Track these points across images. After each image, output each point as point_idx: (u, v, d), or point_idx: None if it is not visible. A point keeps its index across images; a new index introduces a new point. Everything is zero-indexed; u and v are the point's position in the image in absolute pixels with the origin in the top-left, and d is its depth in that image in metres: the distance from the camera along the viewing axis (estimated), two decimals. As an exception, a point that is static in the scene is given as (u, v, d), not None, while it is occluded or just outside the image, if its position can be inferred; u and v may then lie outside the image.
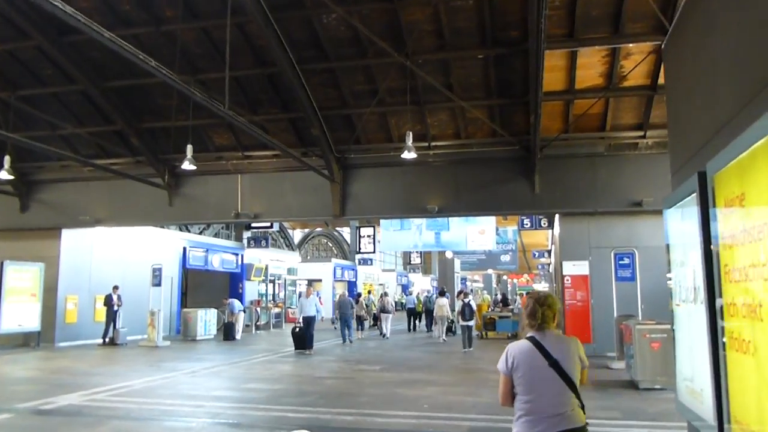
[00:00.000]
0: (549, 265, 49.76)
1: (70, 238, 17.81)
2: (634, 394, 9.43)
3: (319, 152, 14.81)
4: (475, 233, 30.82)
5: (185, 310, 20.80)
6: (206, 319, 19.75)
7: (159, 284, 17.74)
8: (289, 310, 30.86)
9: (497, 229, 32.24)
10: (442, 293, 20.05)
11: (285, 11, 11.60)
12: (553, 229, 20.66)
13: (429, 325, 24.05)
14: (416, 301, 27.61)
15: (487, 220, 30.65)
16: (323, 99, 13.68)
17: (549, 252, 38.58)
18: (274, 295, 32.21)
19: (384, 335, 21.18)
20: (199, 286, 27.34)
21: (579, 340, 3.34)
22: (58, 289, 17.36)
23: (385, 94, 13.43)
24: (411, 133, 12.20)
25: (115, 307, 17.76)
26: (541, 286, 73.20)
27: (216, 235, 34.45)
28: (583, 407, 3.19)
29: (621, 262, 12.66)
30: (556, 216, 15.83)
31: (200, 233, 34.19)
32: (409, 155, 12.21)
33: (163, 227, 22.30)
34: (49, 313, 17.06)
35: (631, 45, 11.67)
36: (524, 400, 3.18)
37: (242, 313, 20.28)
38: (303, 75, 12.75)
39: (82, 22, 7.63)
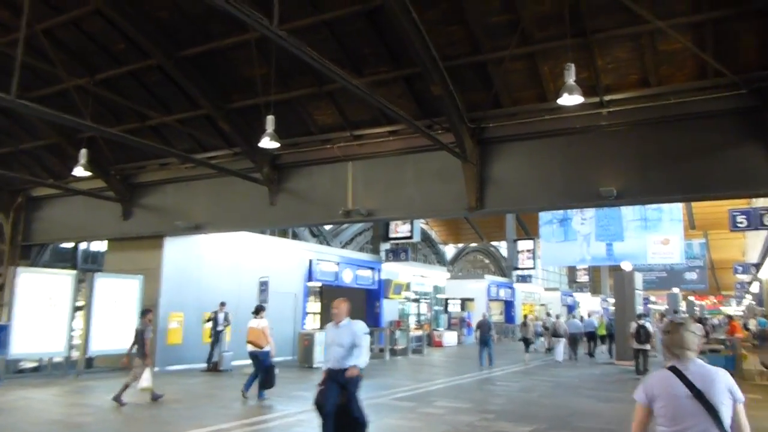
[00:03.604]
0: (749, 283, 41.03)
1: (175, 247, 15.74)
2: None
3: (446, 124, 11.04)
4: (658, 244, 25.19)
5: (301, 332, 17.88)
6: (326, 343, 16.62)
7: (266, 300, 14.96)
8: (435, 333, 27.22)
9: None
10: (640, 316, 17.19)
11: None
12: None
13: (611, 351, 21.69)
14: (597, 324, 23.63)
15: (672, 227, 24.91)
16: (445, 42, 9.89)
17: (756, 266, 31.00)
18: (419, 315, 28.82)
19: (557, 361, 19.69)
20: (335, 305, 24.68)
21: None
22: (159, 306, 15.27)
23: (532, 25, 9.32)
24: (573, 65, 7.97)
25: (220, 327, 15.29)
26: (732, 311, 62.49)
27: (361, 250, 32.00)
28: None
29: None
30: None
31: (343, 247, 32.00)
32: (570, 99, 7.96)
33: (267, 232, 20.08)
34: (149, 332, 14.99)
35: None
36: None
37: (367, 337, 16.81)
38: (413, 6, 9.07)
39: None
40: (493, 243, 44.98)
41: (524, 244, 34.93)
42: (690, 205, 27.81)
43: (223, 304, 15.50)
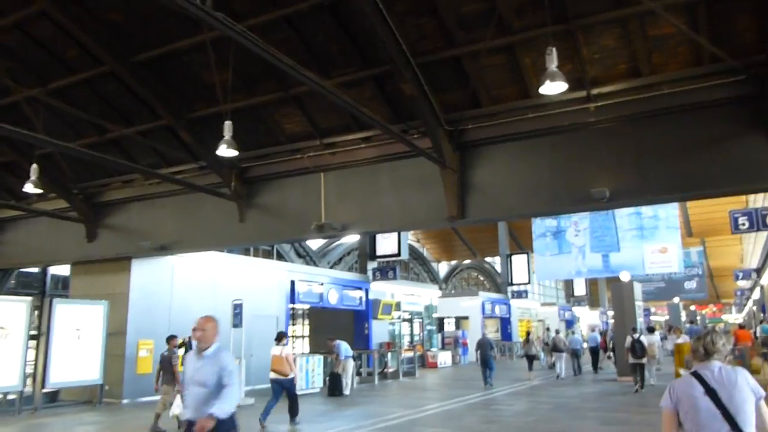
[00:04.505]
0: (750, 289, 40.19)
1: (144, 269, 14.79)
2: None
3: (423, 128, 10.21)
4: (655, 253, 24.38)
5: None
6: (308, 368, 15.62)
7: (239, 324, 13.98)
8: (428, 353, 26.16)
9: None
10: (651, 329, 17.65)
11: None
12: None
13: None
14: (599, 339, 23.02)
15: (669, 235, 24.17)
16: (416, 37, 9.10)
17: (758, 271, 30.22)
18: (411, 336, 27.76)
19: (558, 376, 19.24)
20: (322, 327, 23.63)
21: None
22: (127, 333, 14.28)
23: (509, 13, 8.54)
24: (555, 49, 7.17)
25: (192, 355, 14.27)
26: (733, 318, 61.49)
27: (350, 269, 31.08)
28: None
29: None
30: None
31: (332, 267, 31.12)
32: (553, 87, 7.14)
33: (252, 252, 19.12)
34: (116, 362, 13.98)
35: None
36: None
37: (350, 360, 15.87)
38: (379, -3, 8.29)
39: None
40: (487, 259, 44.10)
41: (518, 259, 34.04)
42: (686, 211, 27.10)
43: (195, 330, 14.49)
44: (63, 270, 20.25)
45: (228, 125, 9.08)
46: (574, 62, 8.88)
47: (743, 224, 14.03)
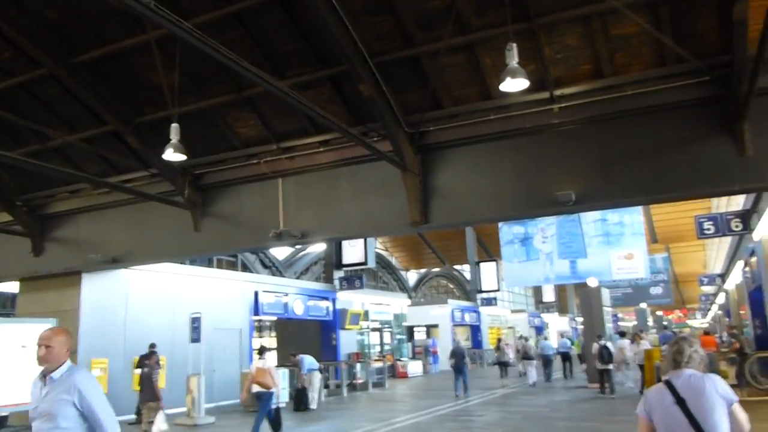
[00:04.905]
0: (715, 294, 40.78)
1: (96, 284, 14.00)
2: None
3: (383, 130, 9.82)
4: (621, 259, 24.39)
5: (244, 372, 16.20)
6: (271, 383, 14.96)
7: (198, 339, 13.33)
8: (398, 363, 25.74)
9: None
10: (622, 334, 18.33)
11: None
12: (751, 231, 13.99)
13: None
14: (570, 344, 23.40)
15: (634, 241, 24.21)
16: (373, 36, 8.73)
17: (722, 276, 30.58)
18: (381, 345, 27.27)
19: (534, 384, 19.04)
20: (289, 339, 22.96)
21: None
22: (78, 352, 13.49)
23: (468, 11, 8.21)
24: (515, 45, 6.85)
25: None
26: (698, 323, 62.56)
27: (317, 279, 30.51)
28: None
29: None
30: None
31: (298, 277, 30.52)
32: (514, 84, 6.80)
33: (215, 263, 18.48)
34: (65, 383, 13.18)
35: None
36: None
37: (317, 374, 15.32)
38: (333, -8, 7.89)
39: None
40: (456, 266, 43.89)
41: (487, 266, 33.85)
42: (651, 218, 27.24)
43: (153, 346, 13.80)
44: (13, 287, 19.29)
45: (175, 128, 8.56)
46: (537, 62, 8.58)
47: (708, 229, 13.98)
